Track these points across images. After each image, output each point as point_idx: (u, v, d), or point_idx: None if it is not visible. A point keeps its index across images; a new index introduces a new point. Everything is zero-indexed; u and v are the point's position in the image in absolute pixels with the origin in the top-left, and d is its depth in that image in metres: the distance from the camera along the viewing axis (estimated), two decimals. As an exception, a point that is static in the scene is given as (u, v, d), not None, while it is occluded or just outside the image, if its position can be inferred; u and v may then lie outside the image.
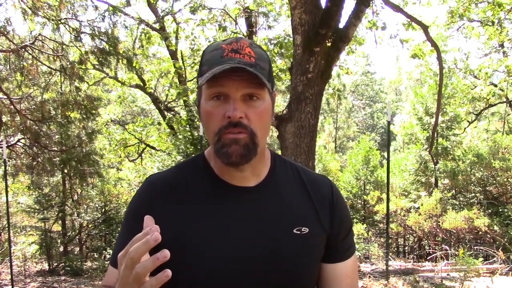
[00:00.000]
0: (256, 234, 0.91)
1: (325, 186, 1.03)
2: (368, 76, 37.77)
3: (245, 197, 0.94)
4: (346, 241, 1.03)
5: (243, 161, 0.89)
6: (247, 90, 0.87)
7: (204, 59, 0.91)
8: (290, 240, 0.92)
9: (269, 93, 0.93)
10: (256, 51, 0.90)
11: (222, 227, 0.90)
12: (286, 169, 1.03)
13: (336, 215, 1.00)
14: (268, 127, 0.94)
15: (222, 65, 0.84)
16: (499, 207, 10.60)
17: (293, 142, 4.51)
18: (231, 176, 0.95)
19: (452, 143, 12.52)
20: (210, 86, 0.88)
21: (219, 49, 0.89)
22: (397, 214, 11.24)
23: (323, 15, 4.50)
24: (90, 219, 10.81)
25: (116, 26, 9.23)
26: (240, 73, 0.85)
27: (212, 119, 0.89)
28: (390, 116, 6.09)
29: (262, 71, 0.88)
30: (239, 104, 0.87)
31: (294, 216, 0.95)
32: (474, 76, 14.11)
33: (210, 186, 0.95)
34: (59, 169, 9.86)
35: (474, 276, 5.75)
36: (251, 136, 0.88)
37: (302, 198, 0.99)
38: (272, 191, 0.97)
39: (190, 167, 1.00)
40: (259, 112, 0.89)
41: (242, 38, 0.92)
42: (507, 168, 10.69)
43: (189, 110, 9.38)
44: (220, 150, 0.88)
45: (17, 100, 8.23)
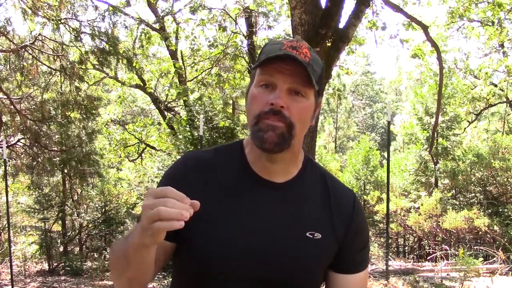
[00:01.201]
0: (270, 230, 0.94)
1: (348, 199, 1.04)
2: (368, 76, 37.75)
3: (268, 192, 0.97)
4: (359, 256, 1.04)
5: (276, 149, 0.91)
6: (294, 84, 0.91)
7: (264, 50, 0.96)
8: (300, 242, 0.95)
9: (315, 97, 0.96)
10: (313, 55, 0.94)
11: (239, 216, 0.94)
12: (315, 173, 1.05)
13: (353, 228, 1.02)
14: (306, 125, 0.97)
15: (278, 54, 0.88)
16: (499, 207, 10.60)
17: (293, 142, 4.51)
18: (262, 167, 0.98)
19: (452, 143, 12.52)
20: (261, 73, 0.92)
21: (280, 43, 0.93)
22: (397, 214, 11.24)
23: (323, 15, 4.50)
24: (90, 219, 10.81)
25: (116, 26, 9.22)
26: (291, 67, 0.89)
27: (256, 103, 0.92)
28: (390, 116, 6.09)
29: (313, 72, 0.91)
30: (284, 94, 0.90)
31: (310, 220, 0.97)
32: (474, 76, 14.11)
33: (239, 173, 0.99)
34: (59, 169, 9.85)
35: (474, 276, 5.75)
36: (289, 126, 0.91)
37: (323, 205, 1.01)
38: (296, 192, 0.99)
39: (226, 151, 1.04)
40: (301, 107, 0.92)
41: (304, 41, 0.96)
42: (507, 168, 10.69)
43: (189, 110, 9.37)
44: (256, 133, 0.92)
45: (17, 100, 8.23)
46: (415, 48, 9.17)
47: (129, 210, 11.24)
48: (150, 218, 0.73)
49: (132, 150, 14.71)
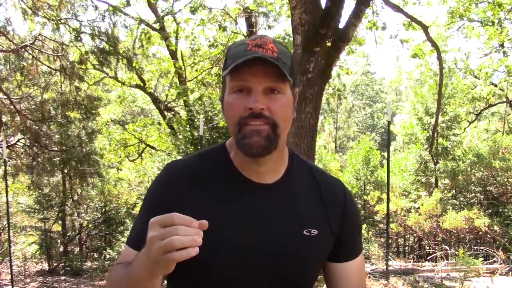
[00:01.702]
0: (267, 232, 0.93)
1: (338, 189, 1.04)
2: (368, 76, 37.75)
3: (261, 194, 0.96)
4: (356, 242, 1.06)
5: (264, 152, 0.90)
6: (269, 83, 0.89)
7: (229, 54, 0.93)
8: (299, 241, 0.95)
9: (291, 89, 0.95)
10: (279, 47, 0.92)
11: (234, 221, 0.93)
12: (303, 168, 1.04)
13: (348, 220, 1.02)
14: (289, 120, 0.96)
15: (245, 57, 0.87)
16: (499, 207, 10.60)
17: (293, 142, 4.50)
18: (250, 170, 0.97)
19: (452, 143, 12.52)
20: (233, 79, 0.90)
21: (243, 44, 0.91)
22: (397, 214, 11.24)
23: (323, 15, 4.50)
24: (90, 219, 10.82)
25: (116, 26, 9.22)
26: (262, 67, 0.87)
27: (234, 110, 0.90)
28: (390, 116, 6.09)
29: (284, 65, 0.89)
30: (261, 96, 0.88)
31: (305, 218, 0.97)
32: (474, 76, 14.11)
33: (228, 179, 0.97)
34: (59, 169, 9.86)
35: (474, 276, 5.75)
36: (273, 126, 0.89)
37: (315, 199, 1.00)
38: (287, 190, 0.99)
39: (211, 156, 1.02)
40: (281, 104, 0.91)
41: (266, 36, 0.94)
42: (507, 168, 10.69)
43: (189, 110, 9.38)
44: (241, 141, 0.90)
45: (17, 100, 8.23)
46: (415, 48, 9.16)
47: (129, 210, 11.24)
48: (162, 249, 0.71)
49: (132, 150, 14.70)
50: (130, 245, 0.96)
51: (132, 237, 0.97)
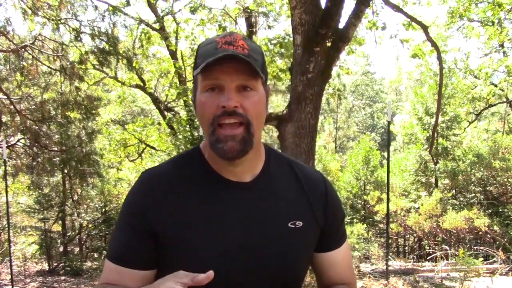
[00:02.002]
0: (252, 229, 0.93)
1: (319, 182, 1.05)
2: (368, 76, 37.75)
3: (241, 193, 0.95)
4: (340, 230, 1.08)
5: (240, 155, 0.90)
6: (241, 81, 0.88)
7: (199, 52, 0.92)
8: (285, 235, 0.95)
9: (263, 85, 0.94)
10: (250, 44, 0.91)
11: (218, 222, 0.92)
12: (281, 163, 1.04)
13: (330, 209, 1.03)
14: (263, 118, 0.95)
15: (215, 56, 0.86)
16: (499, 207, 10.60)
17: (293, 142, 4.50)
18: (227, 170, 0.96)
19: (452, 143, 12.52)
20: (204, 78, 0.89)
21: (213, 42, 0.90)
22: (397, 214, 11.24)
23: (323, 15, 4.50)
24: (90, 219, 10.82)
25: (116, 26, 9.22)
26: (233, 64, 0.86)
27: (206, 109, 0.89)
28: (390, 116, 6.09)
29: (255, 62, 0.89)
30: (234, 94, 0.88)
31: (289, 211, 0.97)
32: (474, 76, 14.10)
33: (206, 181, 0.96)
34: (59, 169, 9.86)
35: (474, 276, 5.75)
36: (247, 125, 0.89)
37: (296, 192, 1.01)
38: (267, 186, 0.98)
39: (186, 161, 1.00)
40: (254, 102, 0.90)
41: (236, 32, 0.93)
42: (507, 168, 10.69)
43: (189, 110, 9.37)
44: (215, 144, 0.89)
45: (17, 100, 8.23)
46: (415, 48, 9.15)
47: (129, 210, 11.22)
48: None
49: (132, 150, 14.68)
50: (113, 260, 0.93)
51: (113, 251, 0.94)
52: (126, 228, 0.93)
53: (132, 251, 0.92)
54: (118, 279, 0.93)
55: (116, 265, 0.92)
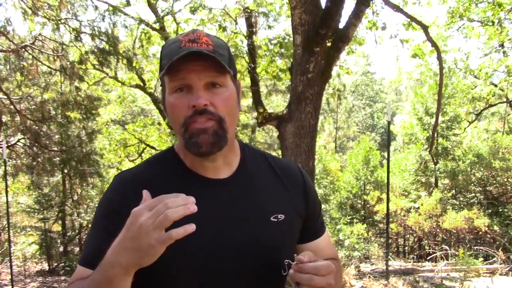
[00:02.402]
0: (234, 226, 0.92)
1: (295, 172, 1.05)
2: (368, 76, 37.75)
3: (220, 190, 0.94)
4: (319, 220, 1.09)
5: (214, 149, 0.89)
6: (209, 78, 0.87)
7: (164, 53, 0.91)
8: (268, 228, 0.94)
9: (233, 81, 0.93)
10: (214, 40, 0.90)
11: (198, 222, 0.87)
12: (256, 157, 1.03)
13: (310, 199, 1.04)
14: (235, 114, 0.94)
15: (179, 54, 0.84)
16: (499, 207, 10.60)
17: (293, 142, 4.50)
18: (204, 168, 0.95)
19: (452, 143, 12.52)
20: (172, 79, 0.88)
21: (177, 41, 0.89)
22: (397, 214, 11.24)
23: (323, 15, 4.50)
24: (90, 219, 10.80)
25: (116, 26, 9.21)
26: (200, 62, 0.85)
27: (177, 111, 0.88)
28: (390, 116, 6.09)
29: (221, 57, 0.87)
30: (203, 92, 0.86)
31: (269, 204, 0.96)
32: (474, 76, 14.10)
33: (183, 180, 0.94)
34: (59, 169, 9.86)
35: (474, 276, 5.75)
36: (220, 122, 0.88)
37: (275, 185, 1.00)
38: (245, 181, 0.97)
39: (160, 161, 0.99)
40: (224, 98, 0.89)
41: (199, 30, 0.92)
42: (507, 168, 10.69)
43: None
44: (188, 141, 0.88)
45: (17, 100, 8.23)
46: (415, 48, 9.15)
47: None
48: (159, 227, 0.68)
49: (132, 150, 14.69)
50: (86, 265, 0.88)
51: (86, 256, 0.89)
52: (99, 231, 0.90)
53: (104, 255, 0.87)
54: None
55: (86, 269, 0.87)
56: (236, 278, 0.91)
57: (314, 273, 0.83)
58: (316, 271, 0.83)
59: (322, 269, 0.83)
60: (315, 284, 0.82)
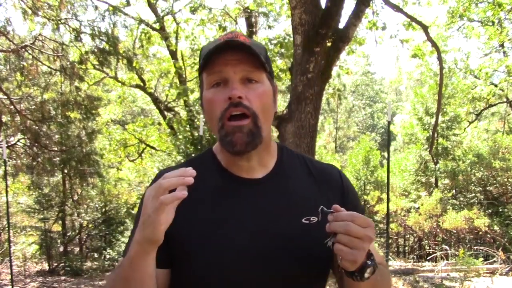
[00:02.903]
0: (265, 226, 0.92)
1: (334, 174, 1.03)
2: (368, 76, 37.74)
3: (253, 189, 0.95)
4: None
5: (249, 148, 0.89)
6: (244, 72, 0.88)
7: (202, 53, 0.93)
8: (298, 230, 0.93)
9: (269, 80, 0.94)
10: (251, 40, 0.93)
11: (231, 220, 0.91)
12: (294, 160, 1.03)
13: (349, 201, 1.00)
14: (270, 111, 0.94)
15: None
16: (499, 207, 10.60)
17: (293, 142, 4.50)
18: (239, 167, 0.96)
19: (452, 143, 12.52)
20: (209, 74, 0.90)
21: (215, 41, 0.92)
22: (397, 214, 11.24)
23: (323, 15, 4.50)
24: (90, 219, 10.81)
25: (116, 26, 9.22)
26: (236, 56, 0.87)
27: (214, 105, 0.90)
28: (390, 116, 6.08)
29: (258, 53, 0.89)
30: (238, 85, 0.88)
31: (302, 206, 0.95)
32: (474, 76, 14.10)
33: (219, 179, 0.96)
34: (59, 169, 9.85)
35: (474, 276, 5.75)
36: (254, 118, 0.88)
37: (311, 188, 0.99)
38: (280, 182, 0.97)
39: (198, 161, 1.01)
40: (259, 93, 0.90)
41: (237, 31, 0.95)
42: (507, 168, 10.69)
43: (189, 110, 9.38)
44: (224, 138, 0.89)
45: (17, 100, 8.23)
46: (415, 48, 9.15)
47: (129, 210, 11.24)
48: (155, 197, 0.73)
49: (132, 150, 14.68)
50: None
51: (126, 248, 0.94)
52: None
53: None
54: None
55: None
56: (263, 280, 0.90)
57: (350, 220, 0.79)
58: (352, 218, 0.79)
59: (359, 218, 0.79)
60: (351, 231, 0.78)
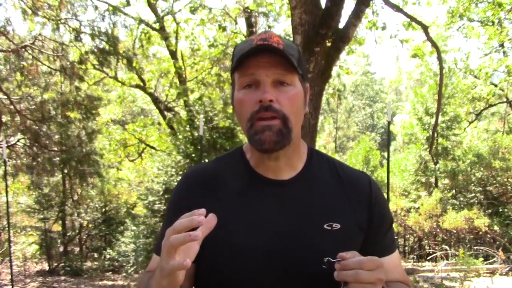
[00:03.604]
0: (287, 228, 0.91)
1: (363, 183, 1.01)
2: (368, 76, 37.76)
3: (279, 191, 0.95)
4: (388, 236, 1.02)
5: (277, 147, 0.89)
6: (276, 75, 0.88)
7: (235, 52, 0.93)
8: (319, 235, 0.92)
9: (301, 82, 0.94)
10: (285, 41, 0.92)
11: (254, 220, 0.92)
12: (323, 163, 1.02)
13: (376, 211, 0.99)
14: (301, 113, 0.94)
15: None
16: (499, 207, 10.59)
17: (293, 142, 4.50)
18: (266, 168, 0.96)
19: (452, 143, 12.52)
20: (241, 75, 0.90)
21: (249, 40, 0.91)
22: (397, 214, 11.23)
23: (323, 15, 4.50)
24: (90, 219, 10.82)
25: (116, 26, 9.22)
26: (268, 58, 0.86)
27: (244, 106, 0.90)
28: (390, 116, 6.08)
29: (290, 56, 0.88)
30: (269, 88, 0.88)
31: (326, 212, 0.94)
32: (474, 76, 14.09)
33: (245, 178, 0.97)
34: (59, 169, 9.86)
35: (474, 276, 5.75)
36: (284, 120, 0.88)
37: (337, 193, 0.98)
38: (306, 185, 0.97)
39: (227, 159, 1.03)
40: (290, 96, 0.90)
41: (271, 31, 0.94)
42: (507, 168, 10.68)
43: (189, 110, 9.37)
44: (253, 137, 0.89)
45: (17, 100, 8.23)
46: (415, 48, 9.16)
47: (129, 210, 11.24)
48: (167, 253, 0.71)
49: (132, 150, 14.69)
50: (157, 253, 0.96)
51: (158, 245, 0.96)
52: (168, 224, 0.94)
53: None
54: None
55: (157, 257, 0.94)
56: (282, 283, 0.89)
57: (359, 267, 0.78)
58: (361, 265, 0.78)
59: (367, 263, 0.78)
60: (362, 279, 0.77)
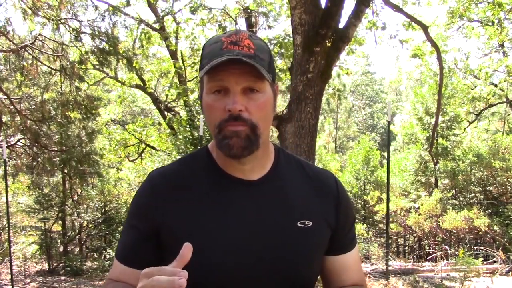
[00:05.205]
0: (259, 227, 0.91)
1: (331, 182, 1.03)
2: (368, 76, 37.77)
3: (249, 190, 0.94)
4: (350, 234, 1.05)
5: (245, 153, 0.89)
6: (246, 83, 0.87)
7: (205, 52, 0.91)
8: (293, 233, 0.93)
9: (270, 85, 0.93)
10: (256, 43, 0.90)
11: (225, 220, 0.91)
12: (290, 163, 1.03)
13: (342, 210, 1.01)
14: (270, 119, 0.94)
15: (220, 57, 0.84)
16: (499, 207, 10.59)
17: (293, 142, 4.51)
18: (235, 168, 0.95)
19: (452, 143, 12.52)
20: (210, 80, 0.88)
21: (219, 42, 0.89)
22: (397, 214, 11.23)
23: (323, 15, 4.50)
24: (90, 219, 10.81)
25: (116, 26, 9.22)
26: (239, 66, 0.85)
27: (213, 112, 0.89)
28: (390, 116, 6.08)
29: (261, 62, 0.87)
30: (239, 97, 0.86)
31: (297, 210, 0.95)
32: (474, 76, 14.10)
33: (214, 179, 0.95)
34: (59, 169, 9.85)
35: (474, 276, 5.75)
36: (252, 128, 0.88)
37: (307, 192, 0.99)
38: (276, 184, 0.97)
39: (193, 160, 1.01)
40: (260, 104, 0.89)
41: (242, 31, 0.91)
42: (507, 168, 10.68)
43: (189, 110, 9.37)
44: (221, 141, 0.89)
45: (17, 100, 8.23)
46: (415, 48, 9.17)
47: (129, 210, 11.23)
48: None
49: (132, 150, 14.70)
50: (119, 259, 0.96)
51: (120, 251, 0.97)
52: (131, 229, 0.96)
53: (135, 253, 0.94)
54: (123, 278, 0.95)
55: (121, 264, 0.95)
56: (255, 282, 0.90)
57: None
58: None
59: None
60: None
